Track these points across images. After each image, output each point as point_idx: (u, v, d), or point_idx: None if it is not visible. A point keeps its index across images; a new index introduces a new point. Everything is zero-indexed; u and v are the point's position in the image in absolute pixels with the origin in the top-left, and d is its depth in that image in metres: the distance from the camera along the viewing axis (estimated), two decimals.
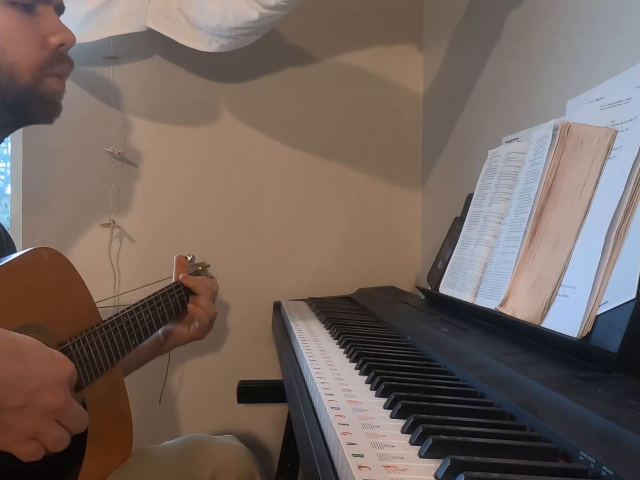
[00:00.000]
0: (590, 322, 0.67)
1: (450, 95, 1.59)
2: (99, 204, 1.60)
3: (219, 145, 1.69)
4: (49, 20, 0.86)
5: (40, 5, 0.86)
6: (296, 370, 0.87)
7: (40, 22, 0.86)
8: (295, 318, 1.25)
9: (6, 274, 0.72)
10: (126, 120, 1.62)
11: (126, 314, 0.94)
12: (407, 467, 0.47)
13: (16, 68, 0.83)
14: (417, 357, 0.87)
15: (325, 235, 1.74)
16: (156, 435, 1.29)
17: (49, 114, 0.90)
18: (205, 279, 1.15)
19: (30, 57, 0.84)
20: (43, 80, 0.86)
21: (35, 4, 0.85)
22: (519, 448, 0.51)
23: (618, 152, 0.74)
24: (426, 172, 1.76)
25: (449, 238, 1.23)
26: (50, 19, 0.87)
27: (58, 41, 0.86)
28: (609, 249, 0.68)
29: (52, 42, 0.86)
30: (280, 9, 1.31)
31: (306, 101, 1.73)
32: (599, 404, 0.52)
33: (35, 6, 0.85)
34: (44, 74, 0.86)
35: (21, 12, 0.84)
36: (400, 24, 1.77)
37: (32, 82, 0.85)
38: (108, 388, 0.88)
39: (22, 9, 0.84)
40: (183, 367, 1.67)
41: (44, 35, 0.85)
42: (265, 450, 1.70)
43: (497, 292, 0.89)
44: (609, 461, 0.44)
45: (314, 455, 0.56)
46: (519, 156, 1.01)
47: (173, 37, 1.48)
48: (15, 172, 1.59)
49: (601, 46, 0.96)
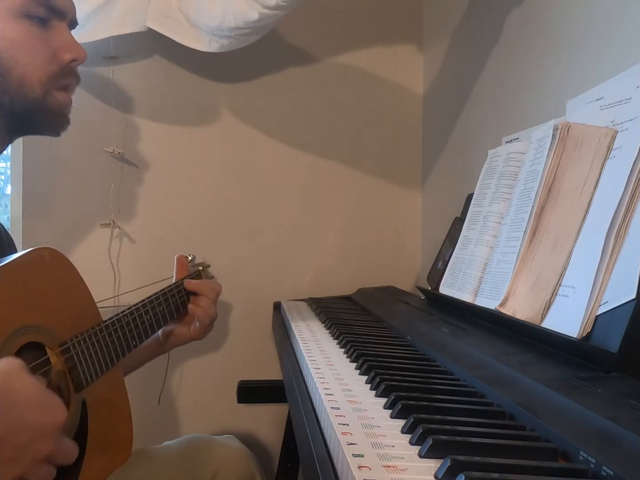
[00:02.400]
0: (590, 322, 0.67)
1: (450, 95, 1.59)
2: (99, 204, 1.60)
3: (219, 145, 1.69)
4: (62, 36, 0.88)
5: (55, 20, 0.87)
6: (296, 370, 0.87)
7: (54, 36, 0.87)
8: (295, 318, 1.25)
9: (8, 274, 0.72)
10: (126, 120, 1.62)
11: (127, 314, 0.94)
12: (407, 467, 0.47)
13: (27, 80, 0.84)
14: (417, 357, 0.87)
15: (325, 235, 1.74)
16: (156, 436, 1.29)
17: (56, 126, 0.91)
18: (208, 282, 1.15)
19: (41, 70, 0.85)
20: (51, 92, 0.87)
21: (50, 19, 0.86)
22: (519, 448, 0.51)
23: (618, 152, 0.74)
24: (426, 172, 1.76)
25: (449, 238, 1.24)
26: (64, 34, 0.88)
27: (70, 57, 0.88)
28: (609, 249, 0.68)
29: (64, 58, 0.87)
30: (280, 9, 1.31)
31: (306, 101, 1.73)
32: (599, 404, 0.52)
33: (50, 21, 0.86)
34: (52, 86, 0.87)
35: (36, 26, 0.85)
36: (400, 24, 1.78)
37: (41, 94, 0.86)
38: (108, 388, 0.88)
39: (38, 23, 0.85)
40: (183, 367, 1.67)
41: (56, 50, 0.87)
42: (265, 450, 1.70)
43: (497, 292, 0.89)
44: (609, 461, 0.44)
45: (314, 456, 0.56)
46: (519, 156, 1.01)
47: (173, 37, 1.48)
48: (16, 172, 1.59)
49: (601, 46, 0.96)
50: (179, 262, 1.16)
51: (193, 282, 1.12)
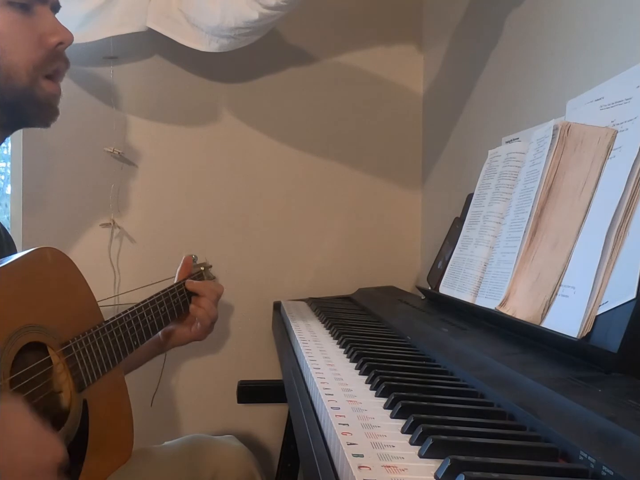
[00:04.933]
0: (590, 322, 0.67)
1: (450, 95, 1.59)
2: (99, 204, 1.60)
3: (218, 145, 1.69)
4: (46, 20, 0.86)
5: (37, 5, 0.86)
6: (296, 370, 0.87)
7: (37, 21, 0.85)
8: (295, 318, 1.25)
9: (9, 274, 0.72)
10: (126, 120, 1.62)
11: (128, 314, 0.94)
12: (407, 467, 0.47)
13: (13, 68, 0.83)
14: (417, 357, 0.87)
15: (325, 235, 1.74)
16: (156, 436, 1.28)
17: (45, 117, 0.89)
18: (209, 283, 1.15)
19: (28, 57, 0.84)
20: (38, 81, 0.85)
21: (32, 4, 0.85)
22: (519, 448, 0.51)
23: (618, 152, 0.74)
24: (426, 172, 1.76)
25: (449, 238, 1.24)
26: (48, 18, 0.87)
27: (57, 40, 0.86)
28: (609, 249, 0.68)
29: (51, 41, 0.86)
30: (280, 9, 1.31)
31: (306, 101, 1.73)
32: (599, 404, 0.52)
33: (33, 6, 0.85)
34: (40, 73, 0.85)
35: (18, 12, 0.83)
36: (400, 24, 1.77)
37: (29, 83, 0.84)
38: (109, 388, 0.88)
39: (19, 9, 0.84)
40: (183, 367, 1.67)
41: (41, 35, 0.85)
42: (265, 450, 1.70)
43: (497, 292, 0.89)
44: (609, 461, 0.44)
45: (314, 455, 0.56)
46: (519, 156, 1.01)
47: (173, 37, 1.48)
48: (15, 172, 1.59)
49: (601, 46, 0.96)
50: (184, 263, 1.16)
51: (195, 282, 1.12)
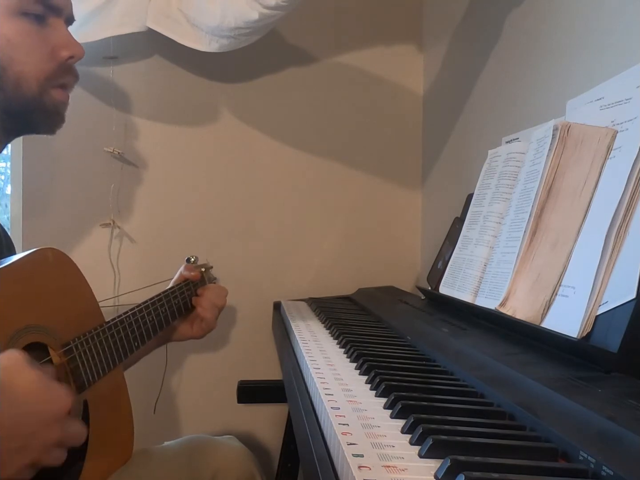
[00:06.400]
0: (590, 322, 0.67)
1: (450, 95, 1.59)
2: (99, 204, 1.60)
3: (219, 145, 1.69)
4: (59, 33, 0.87)
5: (51, 17, 0.86)
6: (296, 370, 0.87)
7: (50, 33, 0.86)
8: (295, 318, 1.25)
9: (11, 274, 0.72)
10: (126, 120, 1.62)
11: (129, 315, 0.94)
12: (407, 467, 0.47)
13: (24, 78, 0.84)
14: (417, 357, 0.87)
15: (325, 235, 1.74)
16: (156, 436, 1.29)
17: (52, 125, 0.90)
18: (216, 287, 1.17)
19: (39, 68, 0.85)
20: (48, 91, 0.86)
21: (47, 16, 0.86)
22: (519, 448, 0.51)
23: (618, 152, 0.74)
24: (426, 172, 1.76)
25: (449, 238, 1.24)
26: (61, 31, 0.88)
27: (68, 54, 0.87)
28: (609, 249, 0.68)
29: (62, 55, 0.87)
30: (280, 9, 1.31)
31: (306, 101, 1.73)
32: (599, 404, 0.52)
33: (47, 17, 0.86)
34: (50, 84, 0.86)
35: (33, 23, 0.84)
36: (400, 24, 1.77)
37: (38, 92, 0.85)
38: (110, 388, 0.88)
39: (34, 20, 0.84)
40: (183, 367, 1.67)
41: (53, 47, 0.86)
42: (265, 450, 1.70)
43: (497, 292, 0.89)
44: (609, 461, 0.44)
45: (314, 456, 0.56)
46: (519, 156, 1.01)
47: (173, 37, 1.48)
48: (16, 172, 1.59)
49: (601, 46, 0.96)
50: (186, 268, 1.17)
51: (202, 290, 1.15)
